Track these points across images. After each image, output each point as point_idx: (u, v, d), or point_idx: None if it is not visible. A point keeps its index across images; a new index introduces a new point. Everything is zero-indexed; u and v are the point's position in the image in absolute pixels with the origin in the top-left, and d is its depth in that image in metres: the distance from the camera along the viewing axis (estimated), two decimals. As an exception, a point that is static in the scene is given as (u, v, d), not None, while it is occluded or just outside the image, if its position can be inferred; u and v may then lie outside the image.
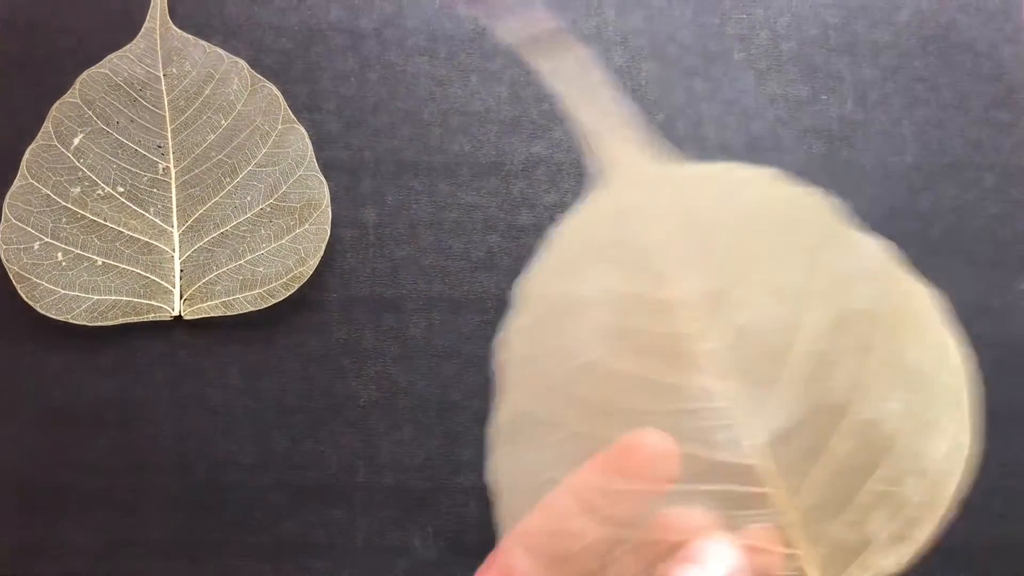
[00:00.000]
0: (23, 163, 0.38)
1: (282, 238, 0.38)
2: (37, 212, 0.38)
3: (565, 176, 0.39)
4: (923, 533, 0.27)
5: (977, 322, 0.38)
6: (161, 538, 0.37)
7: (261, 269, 0.38)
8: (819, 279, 0.27)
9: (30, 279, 0.37)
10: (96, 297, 0.37)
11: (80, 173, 0.38)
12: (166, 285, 0.38)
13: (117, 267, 0.38)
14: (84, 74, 0.38)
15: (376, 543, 0.37)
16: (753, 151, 0.39)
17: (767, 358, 0.26)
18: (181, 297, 0.38)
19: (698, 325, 0.26)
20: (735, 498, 0.26)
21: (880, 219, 0.39)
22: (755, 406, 0.27)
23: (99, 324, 0.37)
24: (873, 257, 0.28)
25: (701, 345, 0.26)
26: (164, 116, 0.39)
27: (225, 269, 0.38)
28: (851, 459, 0.27)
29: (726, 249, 0.27)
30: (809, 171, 0.39)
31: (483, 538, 0.37)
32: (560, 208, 0.39)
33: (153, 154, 0.38)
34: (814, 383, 0.27)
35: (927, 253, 0.39)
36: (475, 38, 0.40)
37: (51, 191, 0.38)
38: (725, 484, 0.26)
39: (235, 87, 0.39)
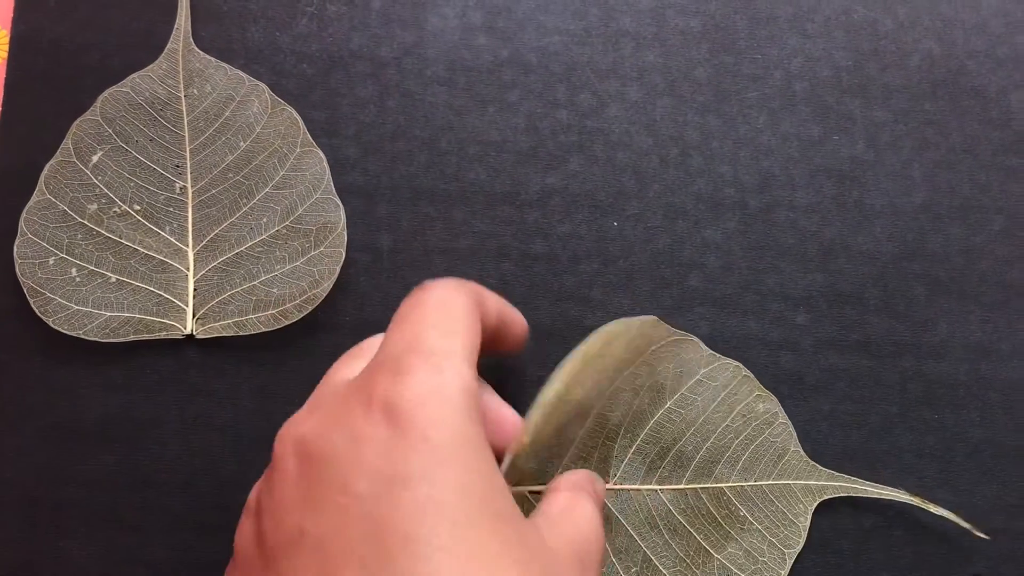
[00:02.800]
0: (41, 178, 0.38)
1: (297, 260, 0.38)
2: (53, 228, 0.38)
3: (579, 207, 0.39)
4: None
5: (984, 364, 0.39)
6: (166, 558, 0.36)
7: (275, 290, 0.38)
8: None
9: (44, 294, 0.37)
10: (109, 314, 0.37)
11: (97, 190, 0.38)
12: (179, 304, 0.38)
13: (131, 284, 0.38)
14: (105, 92, 0.39)
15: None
16: (765, 188, 0.40)
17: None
18: (194, 316, 0.38)
19: None
20: None
21: (889, 259, 0.40)
22: None
23: (110, 340, 0.37)
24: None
25: None
26: (183, 136, 0.39)
27: (239, 289, 0.38)
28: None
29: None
30: (819, 209, 0.40)
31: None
32: (574, 238, 0.39)
33: (171, 173, 0.39)
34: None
35: (935, 293, 0.39)
36: (493, 69, 0.41)
37: (68, 207, 0.38)
38: None
39: (255, 110, 0.39)
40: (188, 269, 0.38)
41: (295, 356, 0.38)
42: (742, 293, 0.39)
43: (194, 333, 0.38)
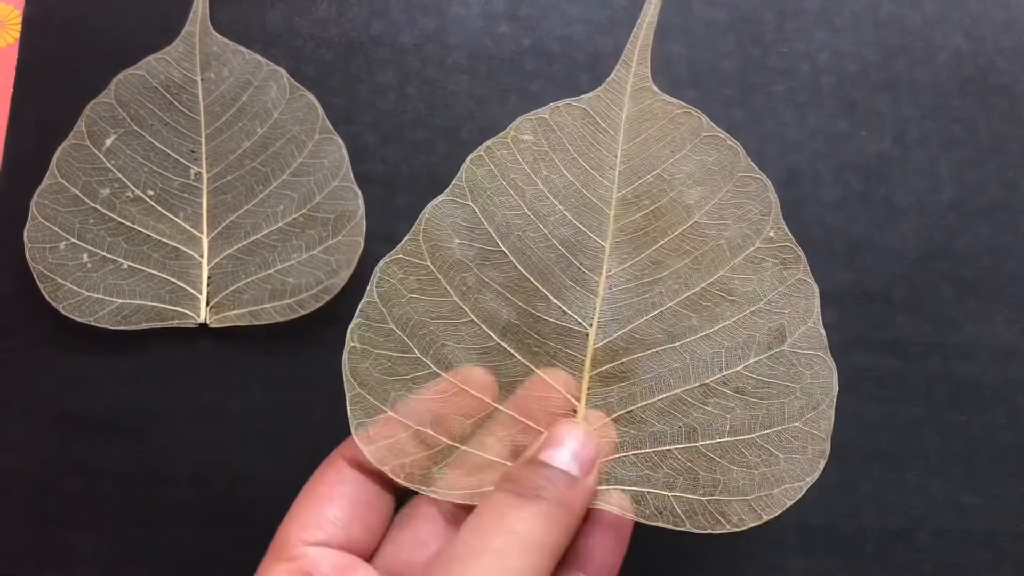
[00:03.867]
0: (53, 162, 0.37)
1: (314, 249, 0.37)
2: (65, 212, 0.37)
3: (602, 200, 0.39)
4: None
5: (1011, 366, 0.38)
6: (173, 552, 0.35)
7: (291, 279, 0.37)
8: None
9: (54, 279, 0.36)
10: (120, 301, 0.37)
11: (110, 175, 0.37)
12: (192, 292, 0.37)
13: (143, 271, 0.37)
14: (120, 75, 0.38)
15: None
16: (791, 183, 0.39)
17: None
18: (207, 304, 0.37)
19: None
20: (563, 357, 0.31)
21: (915, 257, 0.39)
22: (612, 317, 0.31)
23: (122, 328, 0.36)
24: None
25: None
26: (199, 121, 0.38)
27: (254, 278, 0.37)
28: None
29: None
30: (846, 206, 0.39)
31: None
32: (596, 231, 0.38)
33: (185, 159, 0.38)
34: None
35: (961, 293, 0.39)
36: (516, 58, 0.40)
37: (80, 191, 0.37)
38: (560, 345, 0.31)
39: (273, 95, 0.38)
40: (202, 256, 0.37)
41: (310, 347, 0.37)
42: (767, 289, 0.38)
43: (207, 322, 0.37)
